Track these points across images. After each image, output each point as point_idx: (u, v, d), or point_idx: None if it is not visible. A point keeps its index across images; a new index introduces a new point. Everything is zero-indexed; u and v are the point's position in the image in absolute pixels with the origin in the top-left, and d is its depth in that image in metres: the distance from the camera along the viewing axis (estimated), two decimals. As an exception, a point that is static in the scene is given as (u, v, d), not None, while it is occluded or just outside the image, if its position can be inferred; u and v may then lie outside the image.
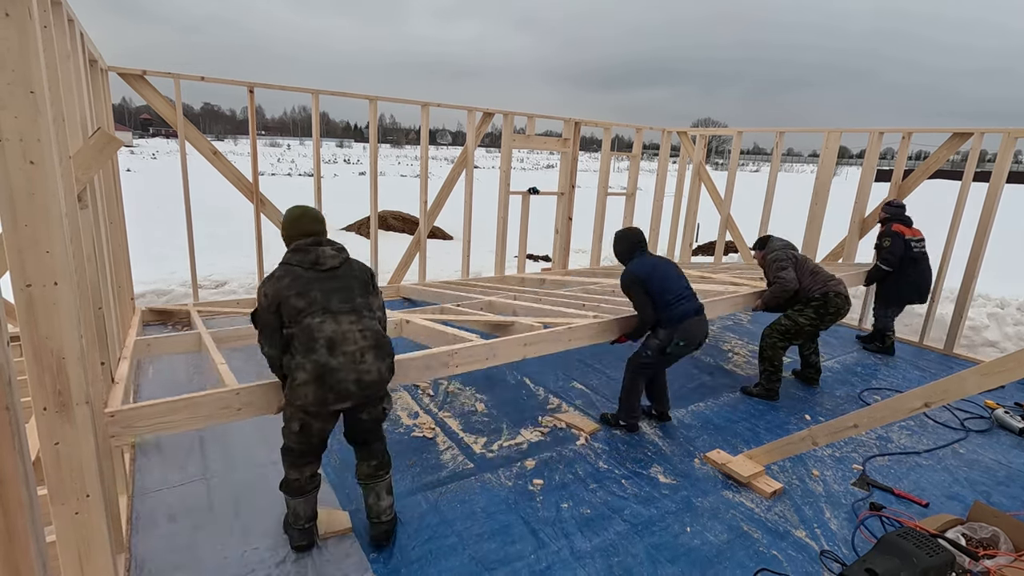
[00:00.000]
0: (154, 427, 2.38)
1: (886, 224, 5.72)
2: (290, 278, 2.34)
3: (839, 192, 8.70)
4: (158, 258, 7.81)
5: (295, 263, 2.39)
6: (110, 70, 4.49)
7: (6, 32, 1.49)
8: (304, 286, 2.34)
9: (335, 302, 2.36)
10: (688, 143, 8.31)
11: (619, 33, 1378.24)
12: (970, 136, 5.69)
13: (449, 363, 3.16)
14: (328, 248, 2.46)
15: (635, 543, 2.75)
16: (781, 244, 4.75)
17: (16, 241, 1.60)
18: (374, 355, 2.39)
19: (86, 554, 1.91)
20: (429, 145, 6.18)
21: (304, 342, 2.29)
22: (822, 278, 4.47)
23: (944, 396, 2.74)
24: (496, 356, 3.34)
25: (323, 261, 2.41)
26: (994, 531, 2.67)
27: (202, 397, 2.47)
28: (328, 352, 2.28)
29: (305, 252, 2.41)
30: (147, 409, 2.35)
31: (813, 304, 4.43)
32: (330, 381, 2.28)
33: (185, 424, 2.44)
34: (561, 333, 3.63)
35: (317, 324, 2.30)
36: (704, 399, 4.45)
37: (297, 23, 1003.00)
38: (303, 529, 2.56)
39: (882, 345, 5.85)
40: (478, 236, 8.61)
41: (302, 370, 2.27)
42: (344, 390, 2.31)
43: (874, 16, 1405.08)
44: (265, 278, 2.40)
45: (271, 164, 35.88)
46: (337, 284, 2.40)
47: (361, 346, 2.35)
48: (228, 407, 2.51)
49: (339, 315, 2.34)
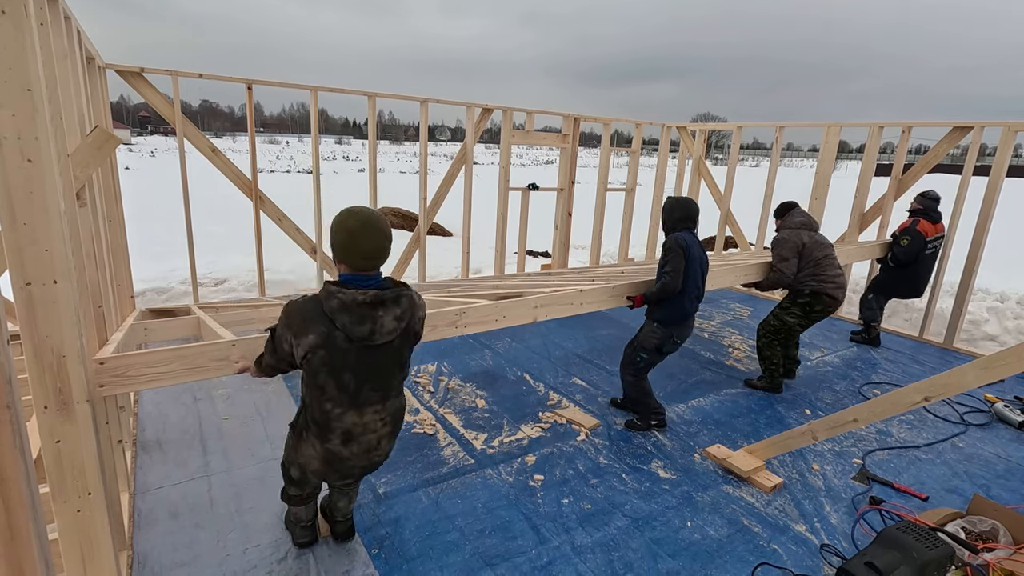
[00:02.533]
0: (147, 379, 2.22)
1: (912, 219, 5.49)
2: (327, 349, 1.89)
3: (839, 186, 8.70)
4: (157, 256, 7.80)
5: (340, 326, 1.87)
6: (108, 68, 4.47)
7: (2, 29, 1.48)
8: (339, 362, 1.91)
9: (366, 390, 2.00)
10: (688, 138, 8.30)
11: (625, 29, 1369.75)
12: (970, 130, 5.68)
13: (456, 323, 2.98)
14: (389, 316, 1.93)
15: (636, 538, 2.76)
16: (798, 222, 4.52)
17: (15, 240, 1.60)
18: (389, 439, 2.18)
19: (88, 552, 1.92)
20: (428, 141, 6.16)
21: (318, 421, 2.04)
22: (821, 275, 4.34)
23: (944, 390, 2.74)
24: (506, 317, 3.17)
25: (377, 337, 1.92)
26: (993, 524, 2.68)
27: (198, 347, 2.33)
28: (342, 444, 2.06)
29: (360, 317, 1.87)
30: (139, 357, 2.19)
31: (800, 302, 4.39)
32: (338, 467, 2.12)
33: (179, 375, 2.29)
34: (572, 295, 3.45)
35: (337, 415, 2.00)
36: (704, 394, 4.45)
37: (302, 18, 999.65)
38: (306, 526, 2.54)
39: (867, 336, 5.82)
40: (478, 232, 8.61)
41: (312, 446, 2.09)
42: (349, 474, 2.19)
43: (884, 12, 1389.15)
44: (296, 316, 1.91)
45: (270, 161, 35.80)
46: (379, 363, 1.99)
47: (379, 434, 2.12)
48: (224, 359, 2.36)
49: (365, 407, 2.03)
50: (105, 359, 2.14)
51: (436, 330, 2.90)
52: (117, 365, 2.15)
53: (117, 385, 2.15)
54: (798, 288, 4.40)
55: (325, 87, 5.46)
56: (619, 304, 3.76)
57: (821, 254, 4.40)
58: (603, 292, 3.59)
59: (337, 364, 1.92)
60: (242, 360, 2.38)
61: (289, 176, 25.56)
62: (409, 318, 2.01)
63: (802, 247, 4.40)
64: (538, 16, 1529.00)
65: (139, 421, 3.60)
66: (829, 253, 4.44)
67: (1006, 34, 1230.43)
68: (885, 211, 6.33)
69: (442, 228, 11.61)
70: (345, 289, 1.89)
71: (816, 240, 4.45)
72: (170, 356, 2.25)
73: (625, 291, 3.75)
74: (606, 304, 3.67)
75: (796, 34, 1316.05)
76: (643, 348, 3.66)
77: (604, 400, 4.26)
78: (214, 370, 2.36)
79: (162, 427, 3.54)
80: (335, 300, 1.87)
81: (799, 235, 4.44)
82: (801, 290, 4.38)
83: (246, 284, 6.93)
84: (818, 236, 4.50)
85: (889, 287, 5.74)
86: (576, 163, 7.41)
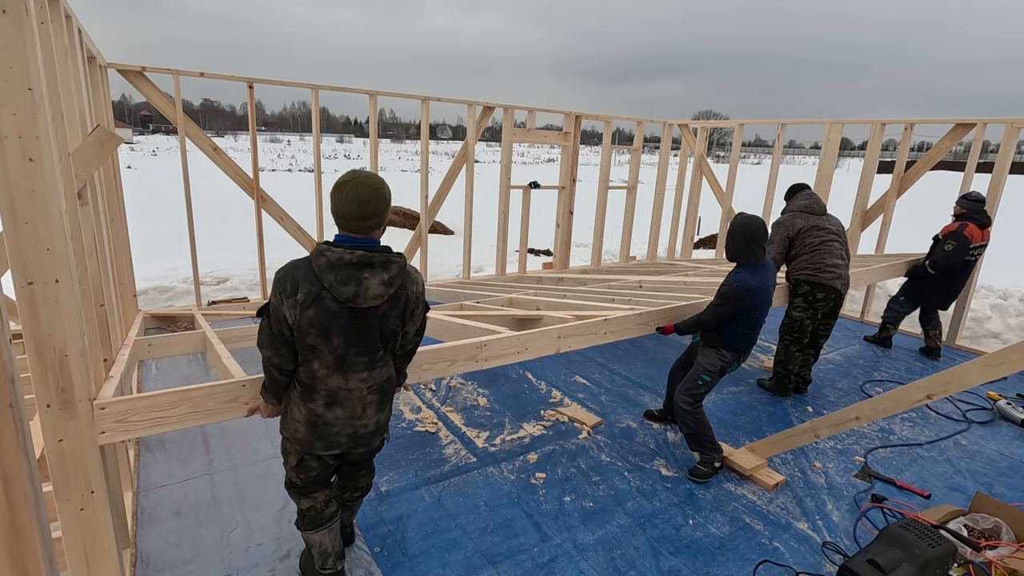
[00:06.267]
0: (151, 424, 2.09)
1: (960, 222, 5.02)
2: (316, 308, 1.87)
3: (841, 183, 8.67)
4: (159, 254, 7.81)
5: (327, 285, 1.86)
6: (109, 67, 4.48)
7: (3, 28, 1.48)
8: (327, 322, 1.89)
9: (352, 354, 1.96)
10: (689, 136, 8.28)
11: (636, 25, 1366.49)
12: (973, 127, 5.66)
13: (478, 356, 2.87)
14: (376, 280, 1.90)
15: (638, 536, 2.76)
16: (800, 205, 4.29)
17: (17, 239, 1.60)
18: (376, 408, 2.09)
19: (92, 549, 1.92)
20: (429, 140, 6.16)
21: (304, 382, 2.00)
22: (817, 264, 4.11)
23: (946, 388, 2.74)
24: (528, 350, 3.06)
25: (362, 300, 1.89)
26: (996, 522, 2.67)
27: (206, 389, 2.22)
28: (326, 406, 2.00)
29: (345, 277, 1.86)
30: (143, 401, 2.07)
31: (801, 293, 4.22)
32: (321, 432, 2.03)
33: (187, 420, 2.20)
34: (597, 324, 3.30)
35: (322, 375, 1.96)
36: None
37: (311, 17, 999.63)
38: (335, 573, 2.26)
39: (878, 336, 5.70)
40: (479, 231, 8.60)
41: (297, 408, 2.03)
42: (334, 442, 2.07)
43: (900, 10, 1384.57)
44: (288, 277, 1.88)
45: (271, 160, 35.85)
46: (367, 328, 1.95)
47: (364, 402, 2.04)
48: (234, 401, 2.25)
49: (350, 372, 1.98)
50: (106, 403, 1.97)
51: (456, 364, 2.79)
52: (120, 410, 2.00)
53: (119, 431, 2.00)
54: (795, 278, 4.25)
55: (326, 86, 5.46)
56: (647, 332, 3.52)
57: (818, 240, 4.15)
58: (629, 320, 3.38)
59: (325, 325, 1.89)
60: (251, 400, 2.26)
61: (291, 175, 25.58)
62: (398, 286, 1.96)
63: (795, 232, 4.19)
64: (552, 12, 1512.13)
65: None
66: (829, 240, 4.16)
67: (1009, 30, 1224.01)
68: (887, 209, 6.31)
69: (443, 226, 11.61)
70: (333, 248, 1.88)
71: (815, 225, 4.19)
72: (177, 398, 2.13)
73: (655, 321, 3.50)
74: (632, 333, 3.45)
75: (800, 32, 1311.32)
76: (706, 371, 3.27)
77: (606, 398, 4.26)
78: (224, 413, 2.25)
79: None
80: (323, 258, 1.87)
81: (794, 219, 4.24)
82: (798, 279, 4.23)
83: (248, 283, 6.94)
84: (820, 220, 4.22)
85: (919, 293, 5.35)
86: (577, 161, 7.40)
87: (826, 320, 4.36)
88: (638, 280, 5.29)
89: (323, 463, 2.16)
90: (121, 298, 3.94)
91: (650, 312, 3.51)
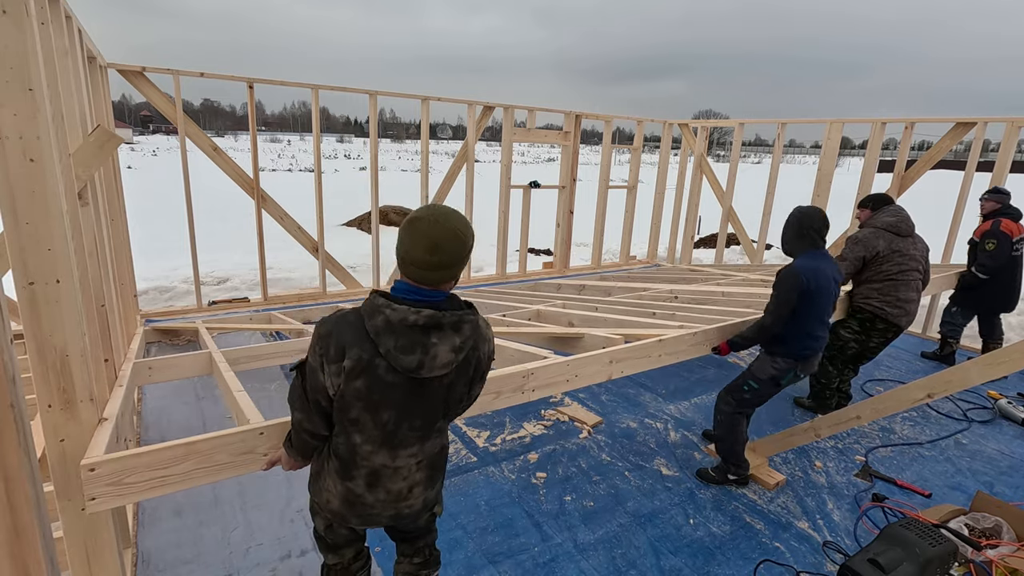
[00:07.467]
0: (152, 486, 1.80)
1: (993, 220, 4.78)
2: (367, 379, 1.50)
3: (842, 183, 8.67)
4: (160, 254, 7.82)
5: (384, 351, 1.48)
6: (109, 67, 4.48)
7: (3, 29, 1.48)
8: (379, 395, 1.52)
9: (404, 429, 1.60)
10: (689, 135, 8.28)
11: (638, 24, 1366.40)
12: (973, 125, 5.66)
13: (524, 387, 2.51)
14: (446, 346, 1.51)
15: (638, 535, 2.76)
16: (885, 223, 3.81)
17: (17, 239, 1.60)
18: (424, 487, 1.73)
19: (93, 550, 1.92)
20: (429, 139, 6.16)
21: (341, 456, 1.63)
22: (889, 295, 3.75)
23: (947, 387, 2.74)
24: (578, 377, 2.72)
25: (426, 370, 1.51)
26: (997, 521, 2.67)
27: (215, 440, 1.88)
28: (367, 488, 1.64)
29: (408, 343, 1.47)
30: (141, 458, 1.76)
31: (859, 317, 3.88)
32: (359, 512, 1.68)
33: (194, 477, 1.87)
34: (651, 347, 2.96)
35: (365, 452, 1.60)
36: (706, 392, 4.45)
37: (311, 17, 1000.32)
38: None
39: (940, 352, 5.33)
40: (479, 230, 8.56)
41: (332, 480, 1.67)
42: (375, 522, 1.74)
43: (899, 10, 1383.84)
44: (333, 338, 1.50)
45: (272, 160, 35.88)
46: (426, 400, 1.59)
47: (412, 480, 1.68)
48: (250, 452, 1.92)
49: (399, 448, 1.62)
50: (96, 463, 1.70)
51: (501, 397, 2.42)
52: (113, 471, 1.72)
53: (112, 497, 1.74)
54: (856, 306, 3.88)
55: (326, 85, 5.46)
56: (703, 353, 3.22)
57: (896, 268, 3.73)
58: (684, 341, 3.10)
59: (376, 398, 1.52)
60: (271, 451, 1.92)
61: (291, 175, 25.59)
62: (469, 349, 1.58)
63: (874, 255, 3.76)
64: (553, 12, 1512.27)
65: (143, 419, 3.61)
66: (908, 269, 3.74)
67: (1010, 28, 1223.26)
68: (888, 207, 6.30)
69: (444, 226, 11.58)
70: (395, 304, 1.48)
71: (897, 249, 3.75)
72: (183, 453, 1.83)
73: (712, 340, 3.20)
74: (687, 355, 3.15)
75: (801, 31, 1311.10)
76: (754, 377, 3.04)
77: (607, 397, 4.26)
78: (237, 468, 1.93)
79: (166, 425, 3.55)
80: (380, 317, 1.47)
81: (876, 239, 3.77)
82: (860, 307, 3.84)
83: (248, 283, 6.95)
84: (904, 244, 3.78)
85: (976, 300, 5.02)
86: (578, 160, 7.41)
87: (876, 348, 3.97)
88: (669, 290, 4.97)
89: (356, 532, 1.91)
90: (122, 298, 3.94)
91: (707, 331, 3.16)
